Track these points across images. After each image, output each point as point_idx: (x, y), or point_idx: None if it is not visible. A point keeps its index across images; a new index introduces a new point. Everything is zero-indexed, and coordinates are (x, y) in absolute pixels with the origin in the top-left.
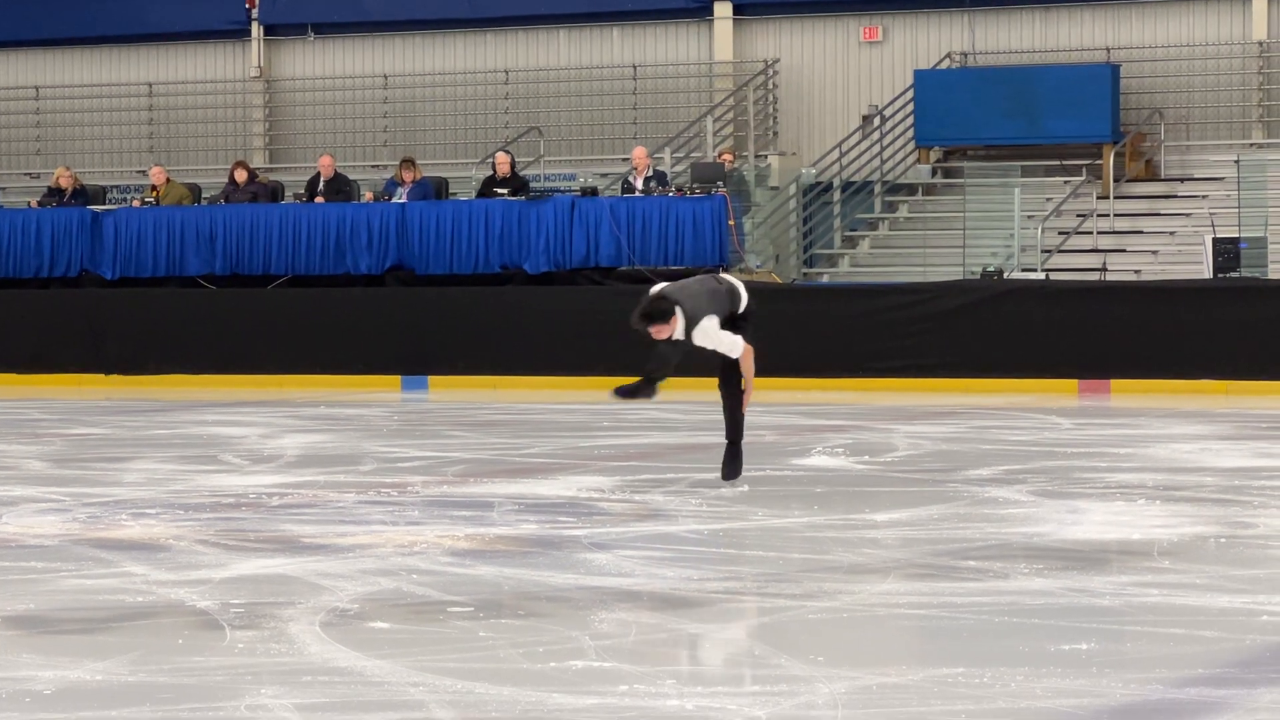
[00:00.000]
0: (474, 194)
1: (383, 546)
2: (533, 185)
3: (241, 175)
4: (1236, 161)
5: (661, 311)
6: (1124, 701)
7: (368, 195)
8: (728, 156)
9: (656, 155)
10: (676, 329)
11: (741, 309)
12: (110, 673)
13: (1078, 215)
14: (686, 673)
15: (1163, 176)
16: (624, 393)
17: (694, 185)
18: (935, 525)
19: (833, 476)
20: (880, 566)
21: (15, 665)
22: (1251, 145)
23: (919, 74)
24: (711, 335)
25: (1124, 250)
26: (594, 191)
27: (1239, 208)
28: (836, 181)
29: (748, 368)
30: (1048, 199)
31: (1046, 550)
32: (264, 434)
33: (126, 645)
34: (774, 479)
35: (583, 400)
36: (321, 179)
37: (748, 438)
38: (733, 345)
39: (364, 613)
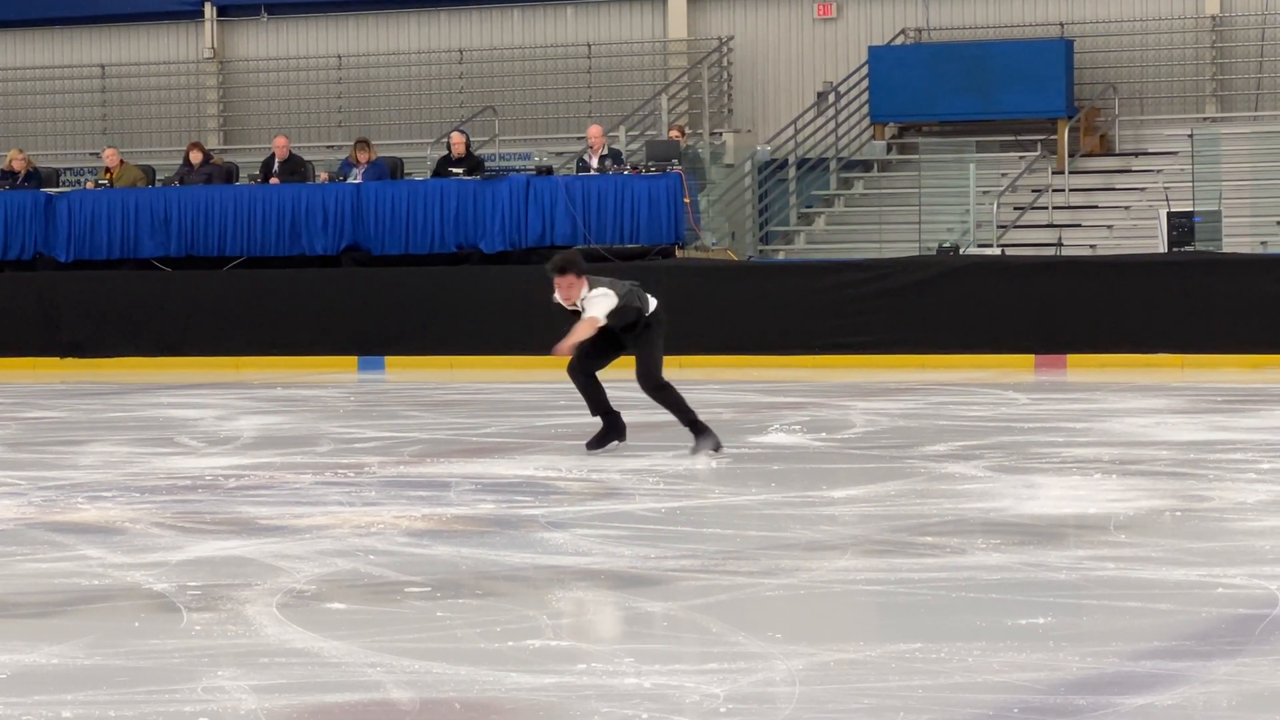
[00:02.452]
0: (429, 174)
1: (339, 527)
2: (488, 165)
3: (196, 156)
4: (1190, 135)
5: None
6: (1080, 675)
7: (323, 176)
8: (675, 133)
9: (611, 134)
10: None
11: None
12: (66, 656)
13: (1033, 190)
14: (644, 651)
15: (1117, 151)
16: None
17: (649, 163)
18: (892, 501)
19: (790, 453)
20: (837, 543)
21: None
22: (1205, 119)
23: (873, 50)
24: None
25: (1079, 225)
26: (549, 170)
27: (1193, 181)
28: (792, 158)
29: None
30: (1003, 174)
31: (1003, 525)
32: (220, 416)
33: (82, 629)
34: (731, 456)
35: (539, 379)
36: (276, 160)
37: (706, 415)
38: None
39: (321, 594)
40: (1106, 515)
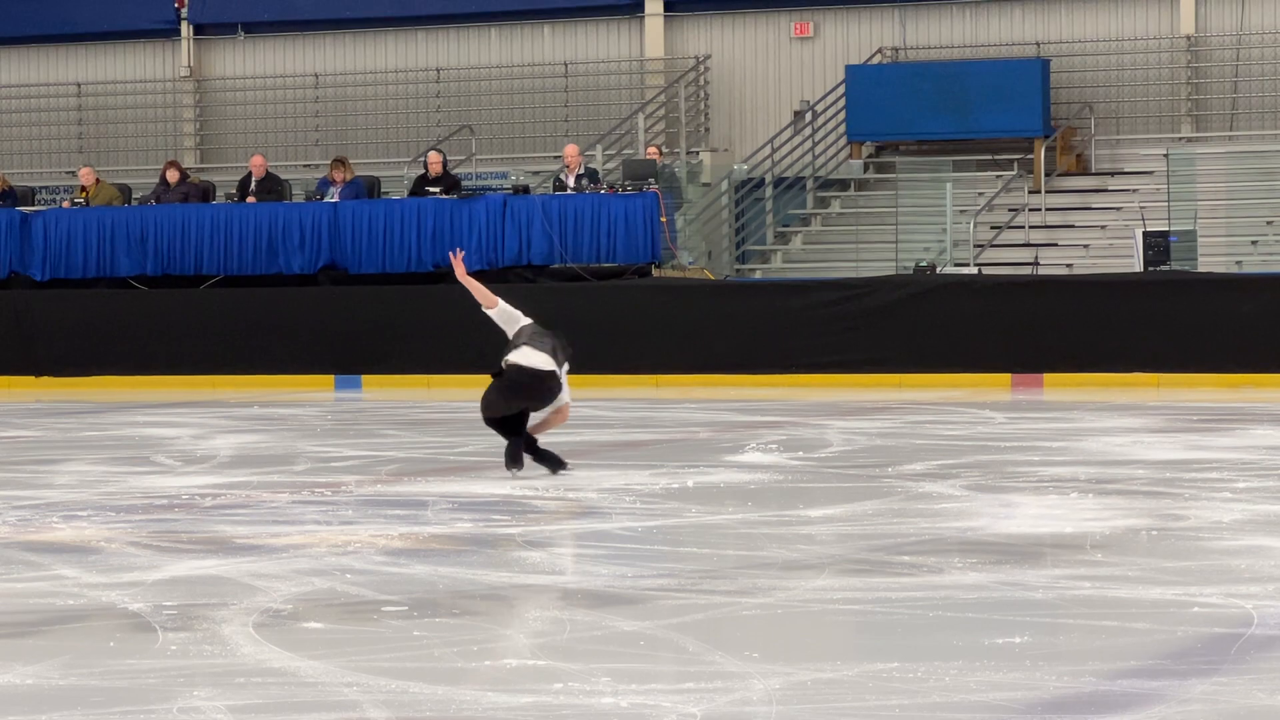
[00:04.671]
0: (406, 193)
1: (316, 546)
2: (465, 184)
3: (173, 175)
4: (1166, 155)
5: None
6: (1057, 694)
7: (299, 195)
8: (652, 152)
9: (588, 153)
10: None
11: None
12: (41, 677)
13: (1009, 209)
14: (621, 670)
15: (1093, 170)
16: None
17: (626, 182)
18: (869, 520)
19: (767, 472)
20: (815, 562)
21: None
22: (1180, 139)
23: (850, 69)
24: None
25: (1056, 244)
26: (526, 189)
27: (1169, 201)
28: (768, 177)
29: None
30: (979, 193)
31: (980, 544)
32: (196, 435)
33: (58, 649)
34: (708, 475)
35: None
36: (253, 179)
37: (683, 434)
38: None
39: (298, 613)
40: (1083, 534)
